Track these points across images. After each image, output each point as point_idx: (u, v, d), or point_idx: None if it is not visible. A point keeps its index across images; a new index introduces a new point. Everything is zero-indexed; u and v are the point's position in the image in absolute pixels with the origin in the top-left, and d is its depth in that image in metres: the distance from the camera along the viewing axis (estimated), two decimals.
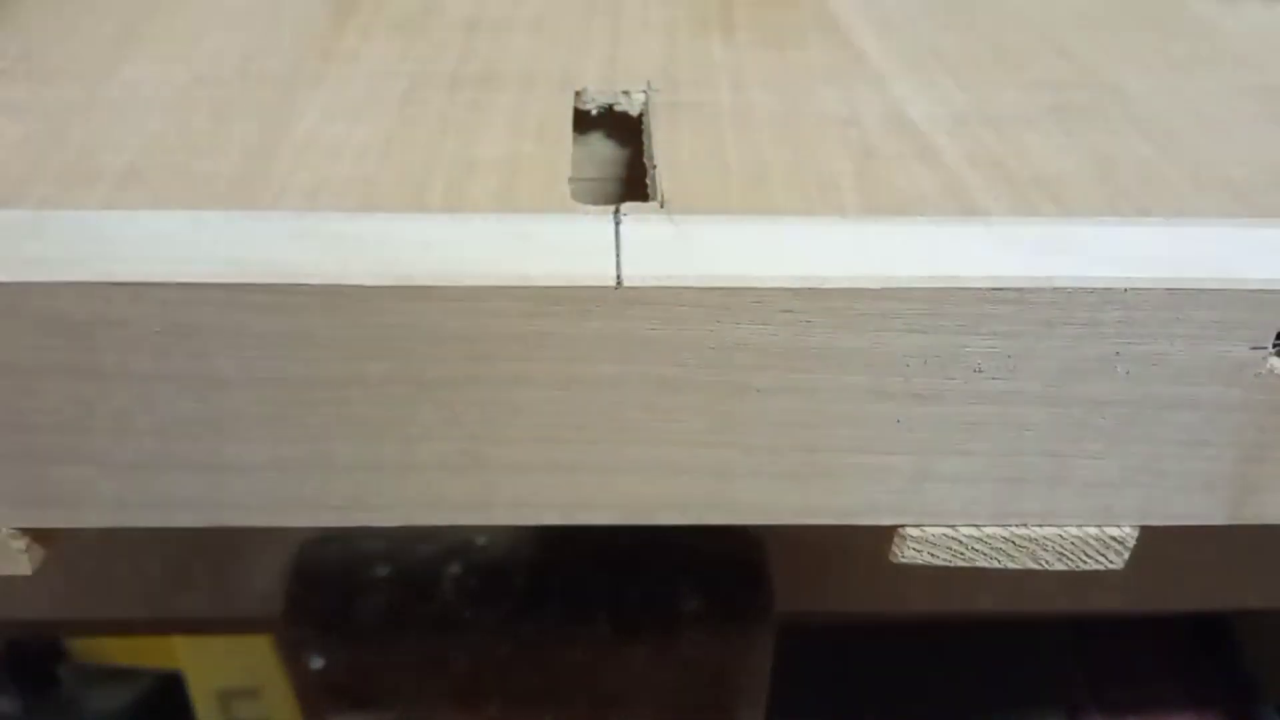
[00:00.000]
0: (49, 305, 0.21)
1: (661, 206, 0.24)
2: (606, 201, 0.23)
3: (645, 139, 0.28)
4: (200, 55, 0.29)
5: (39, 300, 0.21)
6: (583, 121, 0.28)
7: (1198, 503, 0.24)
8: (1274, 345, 0.22)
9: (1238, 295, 0.21)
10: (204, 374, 0.22)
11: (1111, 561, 0.25)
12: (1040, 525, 0.25)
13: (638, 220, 0.23)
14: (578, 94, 0.28)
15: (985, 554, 0.25)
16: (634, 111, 0.30)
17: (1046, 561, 0.25)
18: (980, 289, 0.21)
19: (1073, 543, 0.25)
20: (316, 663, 0.45)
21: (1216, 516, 0.25)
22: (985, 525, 0.25)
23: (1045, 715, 0.56)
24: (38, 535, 0.25)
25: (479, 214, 0.22)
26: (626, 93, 0.30)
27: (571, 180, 0.24)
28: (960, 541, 0.25)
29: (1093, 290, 0.21)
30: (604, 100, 0.28)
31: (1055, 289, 0.21)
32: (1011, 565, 0.25)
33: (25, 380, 0.22)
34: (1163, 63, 0.33)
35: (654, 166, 0.26)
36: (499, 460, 0.24)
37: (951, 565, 0.25)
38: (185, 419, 0.23)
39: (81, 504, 0.24)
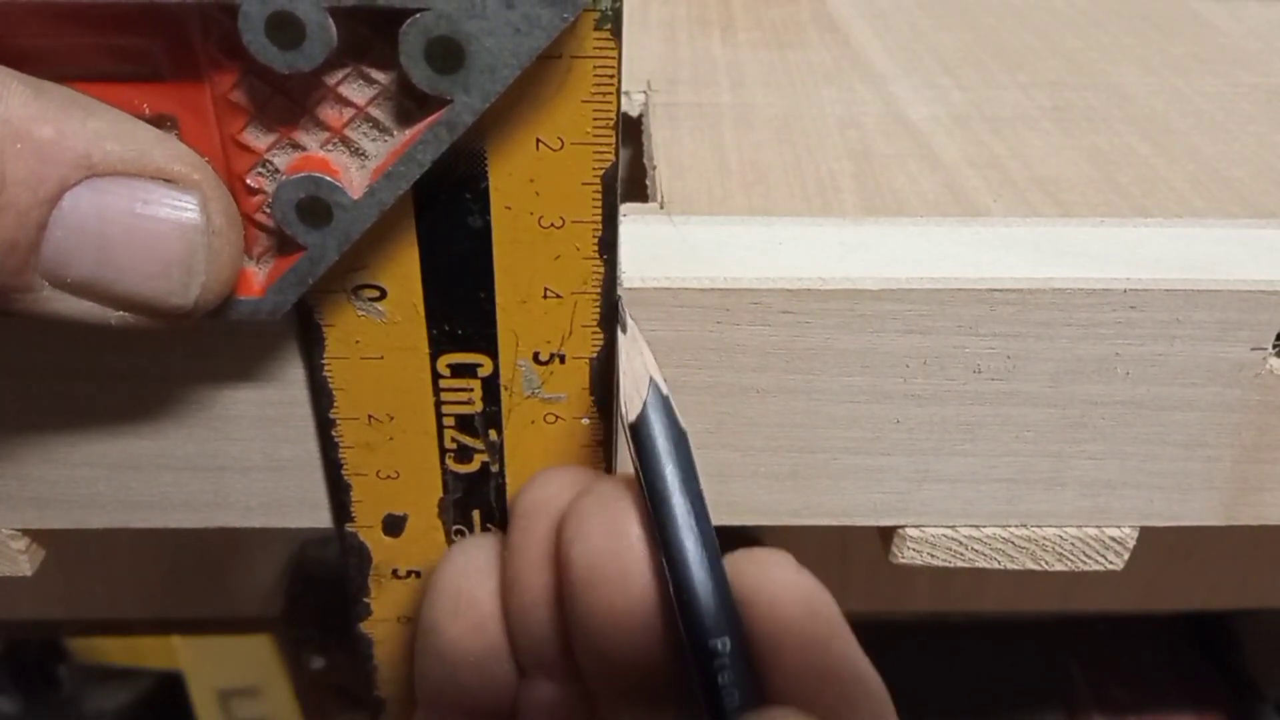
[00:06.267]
0: None
1: (661, 207, 0.24)
2: None
3: (645, 139, 0.28)
4: None
5: None
6: None
7: (1197, 503, 0.24)
8: (1274, 345, 0.22)
9: (1237, 295, 0.21)
10: None
11: (1111, 562, 0.25)
12: (1040, 526, 0.25)
13: (638, 220, 0.23)
14: None
15: (985, 554, 0.25)
16: (634, 112, 0.30)
17: (1046, 562, 0.25)
18: (980, 290, 0.21)
19: (1072, 543, 0.25)
20: (316, 663, 0.45)
21: (1216, 517, 0.25)
22: (985, 525, 0.25)
23: (1045, 715, 0.56)
24: (38, 535, 0.25)
25: None
26: (626, 93, 0.30)
27: None
28: (960, 542, 0.25)
29: (1092, 291, 0.21)
30: None
31: (1055, 290, 0.21)
32: (1011, 565, 0.25)
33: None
34: (1163, 63, 0.33)
35: (654, 167, 0.26)
36: None
37: (951, 565, 0.25)
38: None
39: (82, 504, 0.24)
